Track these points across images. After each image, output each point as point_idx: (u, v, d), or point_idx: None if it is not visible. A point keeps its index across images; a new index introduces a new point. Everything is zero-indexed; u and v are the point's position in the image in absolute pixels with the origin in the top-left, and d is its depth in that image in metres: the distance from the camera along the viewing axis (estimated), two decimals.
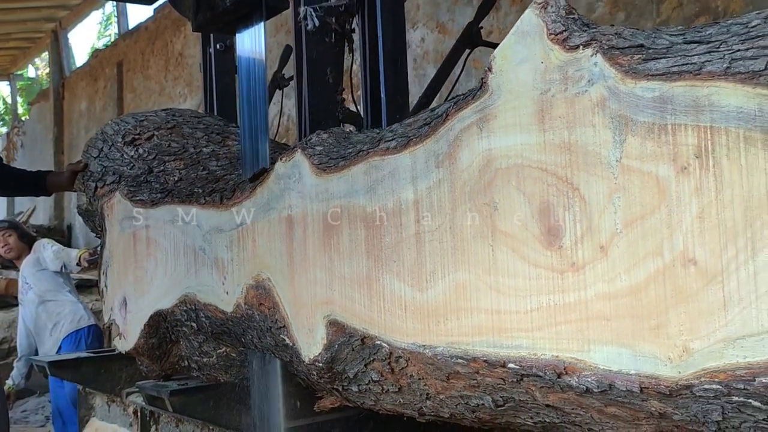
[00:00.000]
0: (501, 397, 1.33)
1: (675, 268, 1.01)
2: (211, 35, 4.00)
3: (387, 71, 2.71)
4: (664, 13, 4.41)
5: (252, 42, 2.83)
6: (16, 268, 5.73)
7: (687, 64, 1.00)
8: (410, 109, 2.88)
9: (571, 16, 1.18)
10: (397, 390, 1.55)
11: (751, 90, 0.93)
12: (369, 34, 2.77)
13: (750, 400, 0.95)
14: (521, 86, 1.21)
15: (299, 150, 1.69)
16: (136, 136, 2.61)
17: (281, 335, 1.76)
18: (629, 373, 1.07)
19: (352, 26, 2.91)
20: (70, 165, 2.78)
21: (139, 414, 3.71)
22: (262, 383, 2.04)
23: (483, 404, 1.38)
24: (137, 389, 2.93)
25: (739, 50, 0.96)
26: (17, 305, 5.37)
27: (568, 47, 1.15)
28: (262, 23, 2.72)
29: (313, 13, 2.91)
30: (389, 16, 2.76)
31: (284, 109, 5.05)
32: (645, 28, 1.12)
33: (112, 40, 13.42)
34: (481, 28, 3.24)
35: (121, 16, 12.74)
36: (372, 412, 1.71)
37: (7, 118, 20.43)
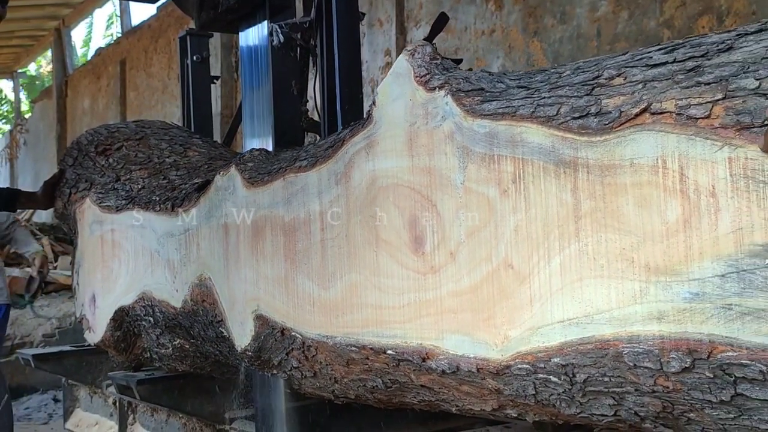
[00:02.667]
0: (389, 379, 1.57)
1: (500, 271, 1.25)
2: (189, 47, 4.22)
3: (342, 83, 2.92)
4: (667, 12, 4.47)
5: (255, 40, 3.02)
6: (18, 265, 5.89)
7: (509, 107, 1.24)
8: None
9: (435, 61, 1.42)
10: (312, 375, 1.79)
11: (547, 131, 1.16)
12: (327, 49, 2.99)
13: (550, 377, 1.19)
14: (396, 119, 1.45)
15: (234, 165, 1.94)
16: (107, 147, 2.85)
17: (220, 328, 2.00)
18: (469, 356, 1.31)
19: (316, 42, 3.14)
20: (45, 181, 2.96)
21: (117, 404, 3.97)
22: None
23: (377, 386, 1.62)
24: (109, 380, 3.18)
25: (544, 97, 1.20)
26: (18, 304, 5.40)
27: (429, 88, 1.39)
28: (266, 22, 2.91)
29: (278, 29, 3.14)
30: (345, 33, 2.97)
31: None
32: (545, 66, 1.34)
33: (115, 38, 13.59)
34: (435, 44, 3.46)
35: (124, 14, 12.87)
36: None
37: (10, 116, 20.58)
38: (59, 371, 4.17)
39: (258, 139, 2.95)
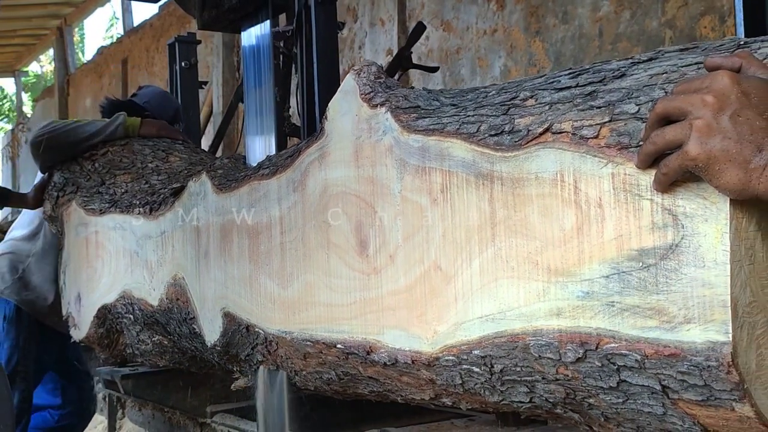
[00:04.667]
0: (341, 371, 1.70)
1: (430, 272, 1.38)
2: (177, 53, 4.35)
3: (321, 90, 3.04)
4: (669, 11, 4.53)
5: (257, 40, 3.14)
6: None
7: (439, 123, 1.38)
8: None
9: (378, 80, 1.55)
10: (275, 368, 1.92)
11: (469, 146, 1.30)
12: (306, 57, 3.12)
13: (472, 367, 1.33)
14: (344, 132, 1.58)
15: (205, 172, 2.07)
16: (94, 152, 2.98)
17: (192, 325, 2.14)
18: (405, 349, 1.44)
19: (296, 50, 3.26)
20: (35, 184, 3.10)
21: (107, 400, 4.10)
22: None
23: (331, 378, 1.75)
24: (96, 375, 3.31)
25: (468, 115, 1.33)
26: None
27: (372, 105, 1.52)
28: (268, 21, 3.03)
29: None
30: (324, 42, 3.10)
31: None
32: (478, 87, 1.46)
33: (115, 40, 13.69)
34: (411, 53, 3.60)
35: (126, 13, 12.97)
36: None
37: (12, 114, 20.64)
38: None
39: (261, 137, 3.08)
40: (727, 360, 0.96)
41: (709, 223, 0.98)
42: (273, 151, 2.74)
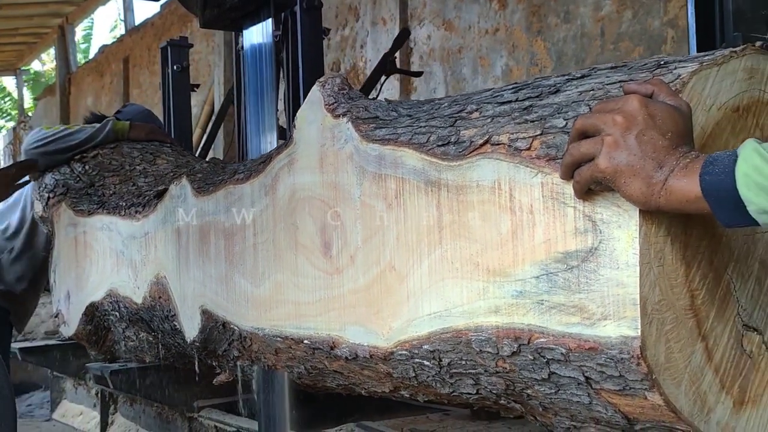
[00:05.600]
0: (309, 366, 1.80)
1: (386, 272, 1.48)
2: (169, 57, 4.44)
3: (306, 94, 3.11)
4: (671, 11, 4.52)
5: (259, 38, 3.20)
6: None
7: (394, 133, 1.47)
8: None
9: (342, 91, 1.65)
10: (251, 363, 2.02)
11: (419, 155, 1.39)
12: (292, 63, 3.21)
13: (423, 361, 1.42)
14: (311, 140, 1.68)
15: (185, 176, 2.17)
16: (84, 154, 3.08)
17: (174, 322, 2.24)
18: (364, 345, 1.54)
19: (283, 55, 3.35)
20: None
21: (99, 395, 4.21)
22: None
23: (301, 372, 1.85)
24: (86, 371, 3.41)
25: (421, 126, 1.43)
26: None
27: (335, 115, 1.62)
28: (270, 20, 3.10)
29: None
30: (309, 48, 3.19)
31: None
32: (434, 98, 1.54)
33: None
34: (395, 58, 3.70)
35: (128, 11, 13.01)
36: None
37: (13, 112, 20.69)
38: (45, 364, 4.42)
39: (262, 135, 3.16)
40: (637, 353, 1.06)
41: (622, 229, 1.08)
42: (273, 145, 2.78)
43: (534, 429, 1.99)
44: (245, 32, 3.26)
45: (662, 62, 1.20)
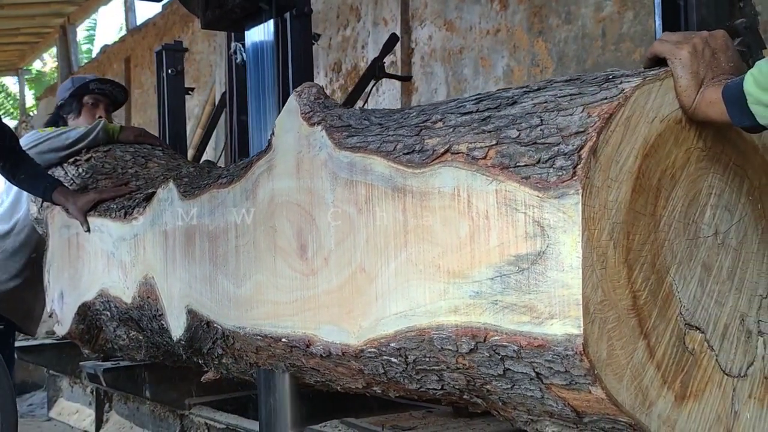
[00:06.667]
0: (288, 363, 1.88)
1: (356, 274, 1.55)
2: (164, 61, 4.52)
3: None
4: None
5: (261, 39, 3.26)
6: None
7: (364, 141, 1.55)
8: None
9: (318, 101, 1.73)
10: (234, 360, 2.10)
11: (387, 162, 1.47)
12: (282, 68, 3.27)
13: (391, 358, 1.50)
14: (288, 147, 1.76)
15: (172, 180, 2.24)
16: (78, 158, 3.15)
17: (161, 321, 2.31)
18: (336, 343, 1.61)
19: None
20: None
21: (95, 393, 4.28)
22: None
23: (283, 369, 1.93)
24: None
25: (389, 135, 1.51)
26: None
27: (310, 123, 1.69)
28: (272, 20, 3.15)
29: (242, 48, 3.43)
30: (299, 54, 3.25)
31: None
32: (406, 107, 1.60)
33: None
34: (384, 63, 3.77)
35: (129, 11, 13.06)
36: None
37: (15, 112, 20.73)
38: (41, 362, 4.49)
39: (265, 133, 3.21)
40: (580, 350, 1.14)
41: (567, 234, 1.15)
42: None
43: (510, 427, 2.06)
44: (247, 33, 3.30)
45: (611, 77, 1.28)
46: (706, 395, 1.27)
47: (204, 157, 5.17)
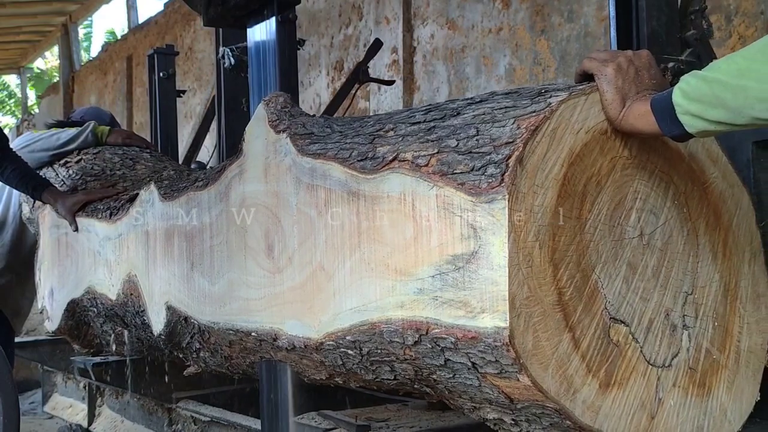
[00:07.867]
0: (260, 356, 1.99)
1: (316, 272, 1.66)
2: (156, 64, 4.62)
3: None
4: None
5: (263, 36, 3.34)
6: None
7: (324, 148, 1.66)
8: None
9: (284, 109, 1.84)
10: (211, 354, 2.21)
11: (343, 168, 1.58)
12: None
13: (347, 350, 1.61)
14: (257, 153, 1.87)
15: (153, 182, 2.35)
16: (68, 159, 3.27)
17: (143, 317, 2.42)
18: (299, 336, 1.73)
19: None
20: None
21: (87, 388, 4.40)
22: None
23: (254, 362, 2.04)
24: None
25: (347, 142, 1.62)
26: None
27: (277, 130, 1.81)
28: (274, 18, 3.23)
29: (230, 52, 3.53)
30: (284, 58, 3.35)
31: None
32: (368, 115, 1.70)
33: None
34: (368, 67, 3.87)
35: (131, 10, 13.14)
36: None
37: (17, 110, 20.81)
38: (36, 358, 4.60)
39: None
40: (506, 341, 1.25)
41: (495, 236, 1.26)
42: None
43: (475, 421, 2.17)
44: (249, 30, 3.37)
45: (543, 91, 1.39)
46: (630, 383, 1.38)
47: (201, 158, 5.28)
